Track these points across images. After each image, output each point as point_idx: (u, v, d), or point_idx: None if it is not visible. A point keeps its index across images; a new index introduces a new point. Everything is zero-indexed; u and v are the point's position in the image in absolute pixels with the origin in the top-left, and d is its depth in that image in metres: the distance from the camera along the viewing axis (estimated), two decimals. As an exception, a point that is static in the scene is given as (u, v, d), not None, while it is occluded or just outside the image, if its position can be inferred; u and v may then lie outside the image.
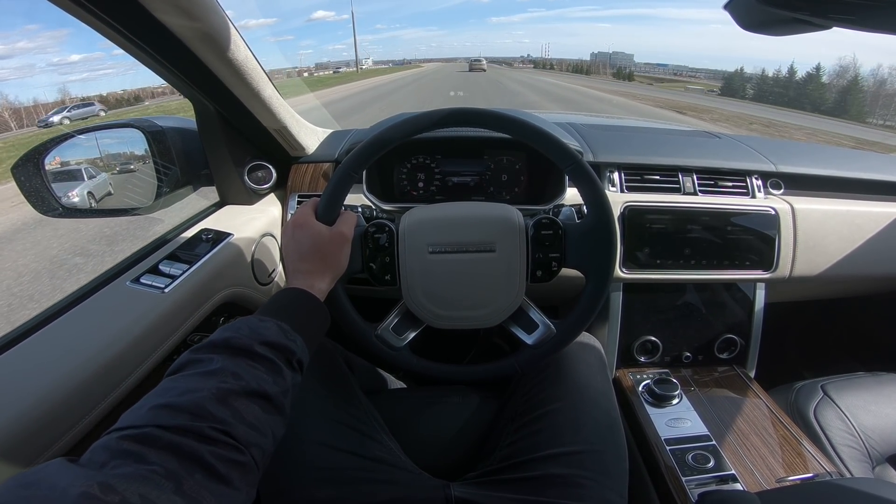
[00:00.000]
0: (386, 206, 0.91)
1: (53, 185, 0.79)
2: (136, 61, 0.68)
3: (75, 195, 0.83)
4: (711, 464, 0.76)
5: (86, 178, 0.89)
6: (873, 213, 1.04)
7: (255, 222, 0.92)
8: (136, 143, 0.86)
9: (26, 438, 0.49)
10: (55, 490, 0.27)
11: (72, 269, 3.83)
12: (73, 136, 0.82)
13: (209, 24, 0.62)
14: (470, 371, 0.71)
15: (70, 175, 0.82)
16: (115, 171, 0.93)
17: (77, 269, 3.81)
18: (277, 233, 0.99)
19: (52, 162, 0.79)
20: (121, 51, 0.64)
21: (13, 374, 0.54)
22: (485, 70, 46.27)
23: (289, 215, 0.99)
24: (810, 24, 0.35)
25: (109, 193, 0.91)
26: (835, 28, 0.35)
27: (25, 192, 0.75)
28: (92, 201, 0.87)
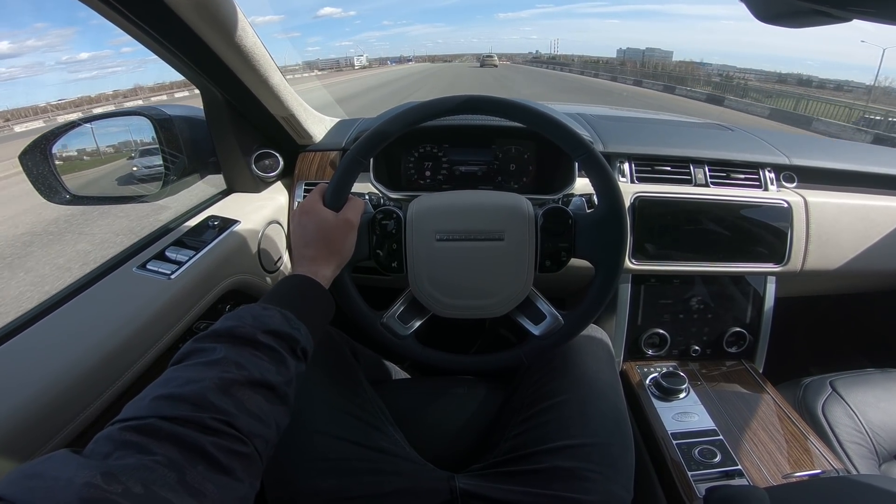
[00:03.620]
0: (393, 195, 0.90)
1: (142, 160, 0.88)
2: (145, 59, 0.68)
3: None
4: (718, 458, 0.76)
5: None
6: (889, 208, 1.02)
7: (262, 210, 0.92)
8: (143, 132, 0.87)
9: (31, 427, 0.49)
10: (59, 480, 0.27)
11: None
12: (80, 125, 0.81)
13: (214, 3, 0.62)
14: (476, 361, 0.70)
15: (152, 152, 0.89)
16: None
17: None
18: (284, 221, 0.99)
19: (58, 150, 0.79)
20: (129, 48, 0.64)
21: (18, 363, 0.54)
22: (496, 66, 44.43)
23: (296, 203, 0.99)
24: (829, 16, 0.34)
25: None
26: (854, 21, 0.33)
27: (32, 178, 0.75)
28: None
